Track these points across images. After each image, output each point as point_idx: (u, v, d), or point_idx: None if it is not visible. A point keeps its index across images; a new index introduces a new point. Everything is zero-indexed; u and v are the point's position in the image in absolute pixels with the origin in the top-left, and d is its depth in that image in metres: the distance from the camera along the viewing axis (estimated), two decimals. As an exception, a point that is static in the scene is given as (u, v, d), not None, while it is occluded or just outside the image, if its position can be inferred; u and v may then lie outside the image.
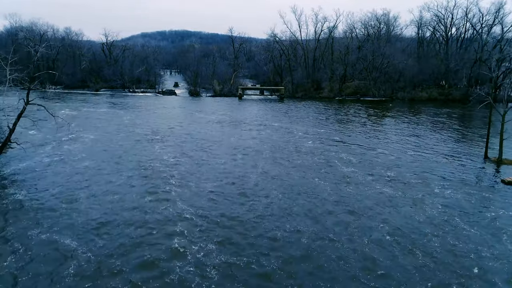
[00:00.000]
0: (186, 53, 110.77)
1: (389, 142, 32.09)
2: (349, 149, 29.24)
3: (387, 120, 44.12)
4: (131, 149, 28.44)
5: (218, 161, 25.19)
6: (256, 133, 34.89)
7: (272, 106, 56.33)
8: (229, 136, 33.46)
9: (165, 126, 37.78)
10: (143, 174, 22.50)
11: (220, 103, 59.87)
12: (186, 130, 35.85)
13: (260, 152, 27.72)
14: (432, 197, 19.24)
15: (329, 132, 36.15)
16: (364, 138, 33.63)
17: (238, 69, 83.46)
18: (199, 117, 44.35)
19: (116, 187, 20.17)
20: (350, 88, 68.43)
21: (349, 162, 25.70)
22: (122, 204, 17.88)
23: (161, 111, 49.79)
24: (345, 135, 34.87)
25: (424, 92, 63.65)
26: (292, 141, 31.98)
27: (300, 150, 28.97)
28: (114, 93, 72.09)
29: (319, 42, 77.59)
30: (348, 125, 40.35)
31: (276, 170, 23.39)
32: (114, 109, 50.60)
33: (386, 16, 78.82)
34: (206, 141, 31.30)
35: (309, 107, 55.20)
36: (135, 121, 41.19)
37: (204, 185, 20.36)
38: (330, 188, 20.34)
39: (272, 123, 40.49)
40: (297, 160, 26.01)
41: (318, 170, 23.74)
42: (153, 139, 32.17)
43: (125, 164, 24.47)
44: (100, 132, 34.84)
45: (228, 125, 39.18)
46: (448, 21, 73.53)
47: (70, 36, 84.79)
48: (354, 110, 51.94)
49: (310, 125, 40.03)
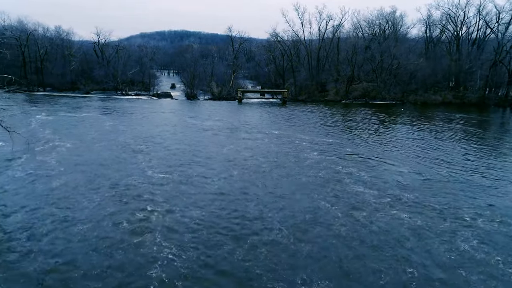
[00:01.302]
0: (184, 53, 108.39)
1: (405, 154, 29.18)
2: (360, 162, 26.39)
3: (401, 127, 41.17)
4: (111, 162, 25.74)
5: (210, 179, 22.40)
6: (255, 143, 32.12)
7: (273, 111, 53.58)
8: (224, 146, 30.68)
9: (153, 134, 35.04)
10: (122, 194, 19.78)
11: (217, 107, 57.16)
12: (176, 139, 33.10)
13: (258, 167, 24.92)
14: (464, 229, 16.36)
15: (336, 141, 33.30)
16: (376, 149, 30.75)
17: (238, 70, 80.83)
18: (193, 123, 41.61)
19: (89, 213, 17.45)
20: (357, 90, 65.59)
21: (360, 179, 22.87)
22: (90, 239, 15.12)
23: (151, 116, 47.03)
24: (354, 145, 32.03)
25: (438, 95, 60.67)
26: (295, 152, 29.17)
27: (304, 163, 26.15)
28: (106, 95, 69.57)
29: (323, 42, 74.87)
30: (357, 133, 37.50)
31: (277, 191, 20.58)
32: (98, 114, 47.81)
33: (392, 14, 76.16)
34: (198, 152, 28.55)
35: (314, 112, 52.41)
36: (118, 127, 38.47)
37: (191, 213, 17.53)
38: (341, 215, 17.52)
39: (273, 131, 37.69)
40: (300, 176, 23.19)
41: (325, 189, 20.92)
42: (137, 149, 29.46)
43: (103, 181, 21.79)
44: (78, 140, 32.20)
45: (224, 133, 36.41)
46: (460, 19, 70.78)
47: (62, 35, 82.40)
48: (363, 115, 49.10)
49: (315, 132, 37.21)
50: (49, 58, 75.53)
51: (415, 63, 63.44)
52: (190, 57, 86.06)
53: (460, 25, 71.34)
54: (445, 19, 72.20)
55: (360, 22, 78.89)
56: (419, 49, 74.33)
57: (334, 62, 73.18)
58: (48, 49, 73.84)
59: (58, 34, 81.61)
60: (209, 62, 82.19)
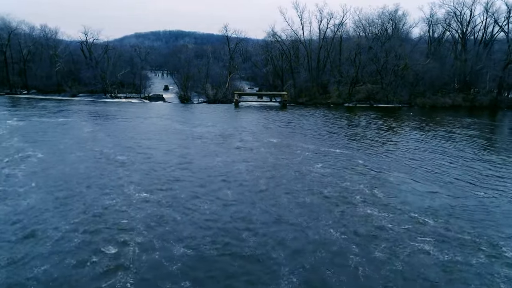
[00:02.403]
0: (178, 54, 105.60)
1: (423, 168, 26.55)
2: (370, 177, 23.81)
3: (413, 134, 38.45)
4: (87, 177, 23.11)
5: (199, 199, 19.74)
6: (251, 154, 29.46)
7: (272, 115, 50.94)
8: (217, 157, 28.01)
9: (136, 143, 32.31)
10: (95, 220, 17.17)
11: (212, 112, 54.52)
12: (163, 149, 30.40)
13: (255, 184, 22.29)
14: (505, 268, 13.78)
15: (342, 151, 30.71)
16: (388, 160, 28.16)
17: (234, 71, 78.23)
18: (183, 130, 38.90)
19: (52, 246, 14.84)
20: (360, 92, 63.17)
21: (373, 198, 20.29)
22: (46, 283, 12.44)
23: (137, 121, 44.05)
24: (363, 155, 29.44)
25: (447, 98, 58.29)
26: (296, 164, 26.55)
27: (306, 178, 23.56)
28: (93, 98, 66.83)
29: (324, 41, 72.48)
30: (365, 141, 34.93)
31: (278, 217, 17.94)
32: (77, 119, 44.80)
33: (395, 13, 73.77)
34: (186, 164, 25.88)
35: (315, 116, 49.87)
36: (97, 134, 35.74)
37: (174, 249, 14.82)
38: (356, 248, 14.94)
39: (271, 138, 35.03)
40: (303, 195, 20.58)
41: (333, 213, 18.33)
42: (118, 160, 26.81)
43: (75, 202, 19.20)
44: (51, 149, 29.57)
45: (217, 141, 33.71)
46: (465, 18, 68.55)
47: (49, 34, 79.40)
48: (369, 120, 46.58)
49: (318, 140, 34.62)
50: (33, 59, 72.70)
51: (422, 64, 61.07)
52: (184, 57, 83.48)
53: (467, 23, 69.26)
54: (450, 18, 70.13)
55: (362, 21, 76.69)
56: (421, 49, 72.11)
57: (336, 63, 70.77)
58: (31, 49, 70.97)
59: (44, 33, 78.71)
60: (204, 62, 79.56)
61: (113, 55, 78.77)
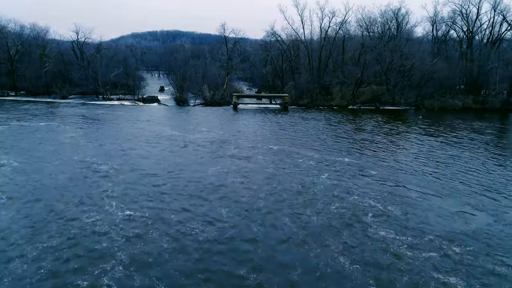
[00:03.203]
0: (174, 53, 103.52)
1: (442, 179, 24.23)
2: (383, 191, 21.55)
3: (426, 140, 35.91)
4: (65, 190, 21.00)
5: (189, 222, 17.44)
6: (249, 163, 27.17)
7: (273, 119, 48.62)
8: (210, 168, 25.69)
9: (123, 151, 29.98)
10: (68, 246, 15.05)
11: (208, 115, 52.26)
12: (151, 158, 28.09)
13: (253, 201, 20.01)
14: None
15: (349, 159, 28.41)
16: (402, 171, 25.84)
17: (232, 71, 76.00)
18: (176, 135, 36.58)
19: (11, 283, 12.55)
20: (365, 94, 60.95)
21: (387, 217, 18.06)
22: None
23: (126, 126, 41.51)
24: (373, 164, 27.17)
25: (457, 100, 56.06)
26: (299, 175, 24.30)
27: (310, 192, 21.34)
28: (84, 100, 64.51)
29: (325, 41, 70.32)
30: (374, 147, 32.66)
31: (280, 243, 15.68)
32: (60, 122, 42.26)
33: (397, 11, 71.60)
34: (176, 177, 23.57)
35: (319, 120, 47.61)
36: (80, 141, 33.37)
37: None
38: (370, 280, 12.72)
39: (271, 145, 32.74)
40: (308, 214, 18.35)
41: (342, 235, 16.12)
42: (101, 171, 24.62)
43: (48, 223, 17.10)
44: (27, 157, 27.41)
45: (212, 149, 31.36)
46: (471, 16, 66.36)
47: (41, 34, 77.04)
48: (376, 124, 44.30)
49: (323, 147, 32.36)
50: (21, 59, 70.43)
51: (429, 64, 58.83)
52: (180, 57, 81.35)
53: (473, 22, 67.13)
54: (455, 16, 67.96)
55: (365, 19, 74.49)
56: (424, 48, 69.88)
57: (339, 63, 68.60)
58: (20, 49, 68.68)
59: (35, 33, 76.28)
60: (201, 62, 77.42)
61: (106, 55, 76.65)
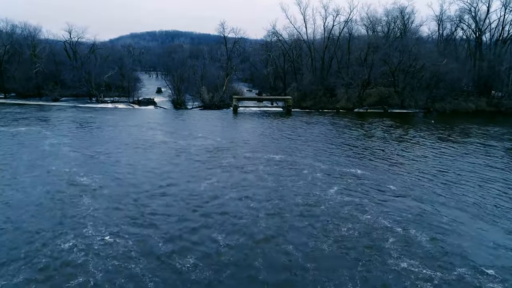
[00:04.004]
0: (172, 54, 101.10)
1: (473, 198, 21.50)
2: (403, 210, 18.96)
3: (443, 147, 33.08)
4: (39, 208, 18.80)
5: (180, 252, 14.85)
6: (248, 175, 24.46)
7: (275, 123, 45.87)
8: (204, 181, 23.08)
9: (108, 160, 27.39)
10: (36, 281, 12.80)
11: (207, 119, 49.71)
12: (139, 169, 25.48)
13: (253, 222, 17.46)
14: None
15: (361, 170, 25.74)
16: (422, 185, 23.06)
17: (232, 72, 73.53)
18: (170, 142, 33.91)
19: None
20: (372, 96, 58.37)
21: (410, 243, 15.51)
22: None
23: (116, 131, 38.80)
24: (388, 176, 24.54)
25: (470, 103, 53.46)
26: (304, 189, 21.75)
27: (317, 210, 18.87)
28: (76, 103, 61.99)
29: (329, 40, 67.87)
30: (388, 156, 29.96)
31: (285, 281, 13.13)
32: (42, 127, 39.50)
33: (404, 9, 69.02)
34: (166, 192, 20.97)
35: (324, 124, 45.01)
36: (61, 148, 30.71)
37: None
38: None
39: (273, 154, 29.93)
40: (317, 239, 15.81)
41: (357, 268, 13.56)
42: (81, 184, 22.22)
43: (15, 249, 14.81)
44: (1, 168, 24.97)
45: (208, 158, 28.56)
46: (480, 14, 63.65)
47: (32, 33, 74.63)
48: (386, 129, 41.64)
49: (330, 156, 29.75)
50: (11, 60, 68.01)
51: (439, 64, 56.21)
52: (178, 57, 79.00)
53: (483, 20, 64.55)
54: (463, 14, 65.31)
55: (370, 18, 71.98)
56: (431, 48, 67.33)
57: (343, 64, 66.11)
58: (9, 49, 66.25)
59: (28, 32, 73.81)
60: (200, 63, 75.05)
61: (101, 55, 74.27)
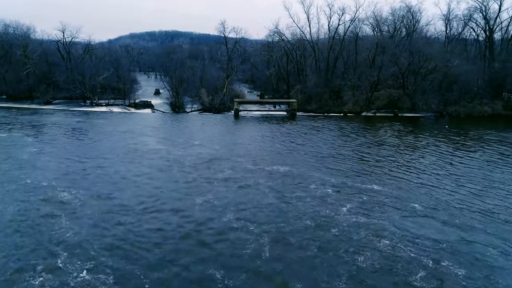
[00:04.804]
0: (171, 54, 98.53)
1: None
2: (433, 237, 16.13)
3: (466, 157, 30.06)
4: (8, 230, 16.08)
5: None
6: (247, 191, 21.57)
7: (279, 129, 42.91)
8: (197, 199, 20.25)
9: (93, 172, 24.65)
10: None
11: (205, 124, 47.06)
12: (124, 183, 22.68)
13: (254, 253, 14.76)
14: None
15: (378, 186, 22.76)
16: (456, 207, 19.84)
17: (232, 73, 70.97)
18: (163, 151, 31.00)
19: None
20: (380, 99, 55.66)
21: (444, 283, 12.80)
22: None
23: (105, 138, 35.90)
24: (411, 193, 21.64)
25: (486, 106, 50.73)
26: (313, 209, 19.03)
27: (328, 236, 16.21)
28: (69, 106, 59.42)
29: (334, 40, 65.28)
30: (407, 168, 26.85)
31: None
32: (23, 134, 36.61)
33: (411, 9, 66.30)
34: (151, 219, 18.13)
35: (331, 130, 42.27)
36: (42, 158, 27.92)
37: None
38: None
39: (276, 165, 26.92)
40: (329, 272, 13.11)
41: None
42: (59, 201, 19.62)
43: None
44: None
45: (203, 172, 25.40)
46: (490, 13, 60.81)
47: (25, 32, 72.10)
48: (399, 135, 38.83)
49: (340, 167, 26.87)
50: (1, 61, 65.57)
51: (451, 66, 53.52)
52: (176, 58, 76.38)
53: (494, 19, 61.77)
54: (472, 13, 62.52)
55: (377, 17, 69.36)
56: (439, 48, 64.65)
57: (349, 64, 63.49)
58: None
59: (23, 31, 71.23)
60: (199, 64, 72.50)
61: (96, 56, 71.75)
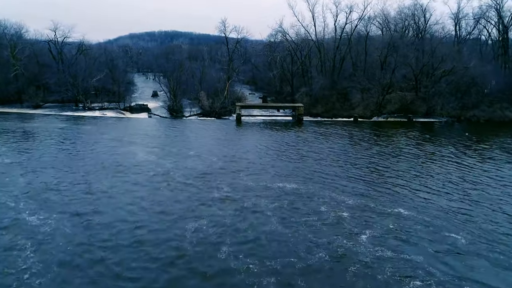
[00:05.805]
0: (170, 55, 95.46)
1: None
2: (473, 276, 12.96)
3: (495, 171, 26.75)
4: None
5: None
6: (247, 215, 18.43)
7: (284, 137, 39.48)
8: (188, 224, 17.07)
9: (69, 190, 21.50)
10: None
11: (204, 130, 43.85)
12: (105, 204, 19.55)
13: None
14: None
15: (405, 210, 19.59)
16: (494, 233, 16.86)
17: (233, 74, 67.77)
18: (153, 163, 27.75)
19: None
20: (393, 103, 52.44)
21: None
22: None
23: (88, 147, 32.70)
24: (441, 219, 18.31)
25: (507, 110, 47.49)
26: (326, 237, 15.82)
27: (347, 273, 13.23)
28: (59, 111, 56.31)
29: (341, 40, 62.17)
30: (434, 186, 23.46)
31: None
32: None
33: (423, 7, 63.14)
34: (133, 252, 14.89)
35: (341, 137, 39.01)
36: (12, 171, 24.81)
37: None
38: None
39: (281, 182, 23.62)
40: None
41: None
42: (28, 223, 16.61)
43: None
44: None
45: (196, 190, 22.17)
46: (503, 12, 57.63)
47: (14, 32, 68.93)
48: (416, 144, 35.57)
49: (356, 186, 23.39)
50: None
51: (467, 67, 50.36)
52: (175, 59, 73.30)
53: (510, 16, 58.62)
54: (487, 12, 59.32)
55: (386, 16, 66.27)
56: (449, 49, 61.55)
57: (358, 66, 60.40)
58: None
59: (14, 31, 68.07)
60: (199, 65, 69.44)
61: (90, 56, 68.69)
